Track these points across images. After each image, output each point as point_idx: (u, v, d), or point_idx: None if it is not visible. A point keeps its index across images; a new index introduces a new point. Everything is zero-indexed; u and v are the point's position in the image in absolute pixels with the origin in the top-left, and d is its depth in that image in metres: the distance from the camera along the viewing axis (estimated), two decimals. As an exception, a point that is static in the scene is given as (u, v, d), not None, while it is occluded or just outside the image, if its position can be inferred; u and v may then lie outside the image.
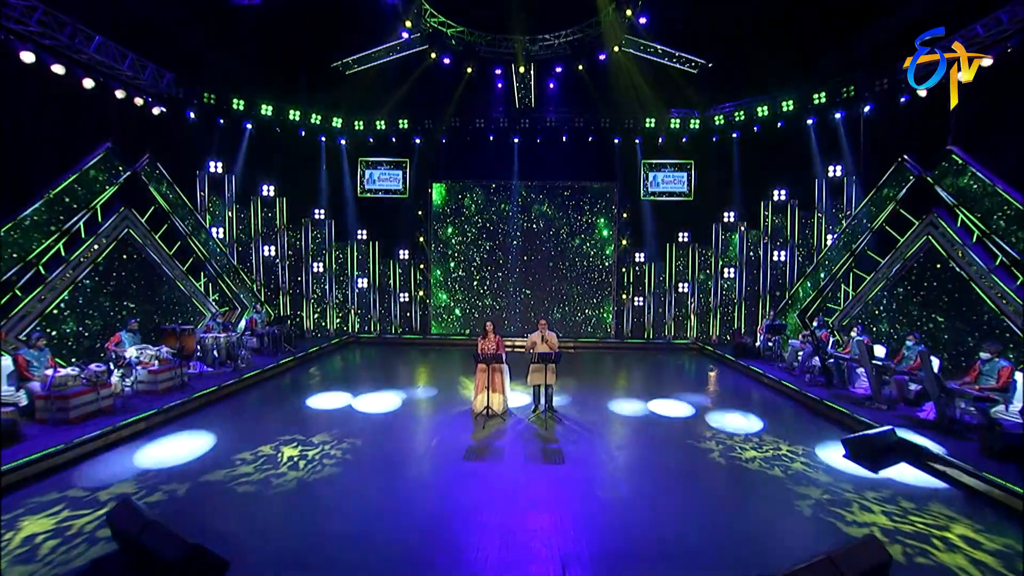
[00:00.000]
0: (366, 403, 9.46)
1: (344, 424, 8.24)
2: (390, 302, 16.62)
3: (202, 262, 12.51)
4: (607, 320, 16.70)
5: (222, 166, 13.74)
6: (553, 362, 8.32)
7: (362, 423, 8.36)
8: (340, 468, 6.45)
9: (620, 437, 7.85)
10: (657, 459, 6.99)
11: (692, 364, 13.65)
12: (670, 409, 9.33)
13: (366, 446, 7.27)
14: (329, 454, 6.88)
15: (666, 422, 8.67)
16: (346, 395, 9.96)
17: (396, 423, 8.48)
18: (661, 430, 8.25)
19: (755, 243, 15.04)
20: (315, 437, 7.50)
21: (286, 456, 6.77)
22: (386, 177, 17.02)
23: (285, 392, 10.22)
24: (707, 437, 7.74)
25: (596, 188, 16.72)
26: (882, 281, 11.07)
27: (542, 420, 8.38)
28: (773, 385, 10.72)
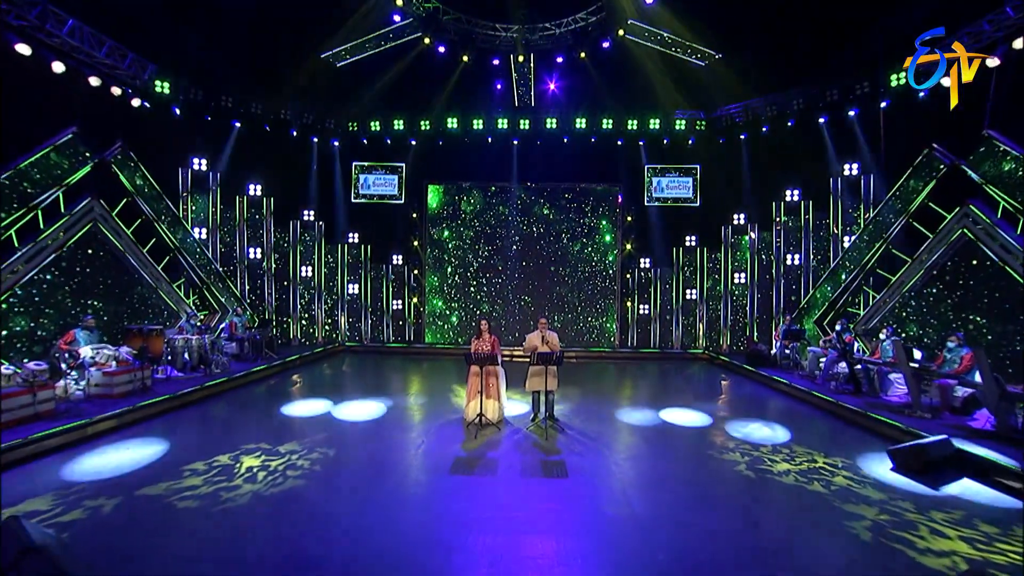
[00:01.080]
0: (347, 411, 8.49)
1: (318, 432, 7.27)
2: (382, 309, 15.71)
3: (179, 261, 11.64)
4: (610, 329, 15.75)
5: (206, 163, 12.99)
6: (554, 363, 7.37)
7: (339, 431, 7.39)
8: (305, 481, 5.47)
9: (630, 447, 6.87)
10: (675, 471, 6.01)
11: (703, 373, 12.67)
12: (683, 418, 8.35)
13: (339, 456, 6.29)
14: (295, 464, 5.91)
15: (680, 431, 7.69)
16: (326, 403, 8.99)
17: (377, 432, 7.50)
18: (676, 440, 7.27)
19: (767, 246, 14.18)
20: (283, 446, 6.53)
21: (245, 467, 5.79)
22: (381, 182, 16.28)
23: (259, 399, 9.25)
24: (729, 448, 6.76)
25: (599, 190, 15.95)
26: (910, 281, 10.16)
27: (542, 429, 7.40)
28: (794, 393, 9.74)
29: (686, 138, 15.54)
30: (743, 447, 6.79)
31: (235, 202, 13.59)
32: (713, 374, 12.55)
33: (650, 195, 15.85)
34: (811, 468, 5.99)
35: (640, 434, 7.53)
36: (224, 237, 13.46)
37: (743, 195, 14.60)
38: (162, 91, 12.14)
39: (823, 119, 13.02)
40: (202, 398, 8.74)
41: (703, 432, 7.67)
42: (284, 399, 9.16)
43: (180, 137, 12.41)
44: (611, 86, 15.00)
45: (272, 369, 11.33)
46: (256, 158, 13.80)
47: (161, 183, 11.80)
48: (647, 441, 7.19)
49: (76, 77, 10.00)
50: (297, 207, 14.80)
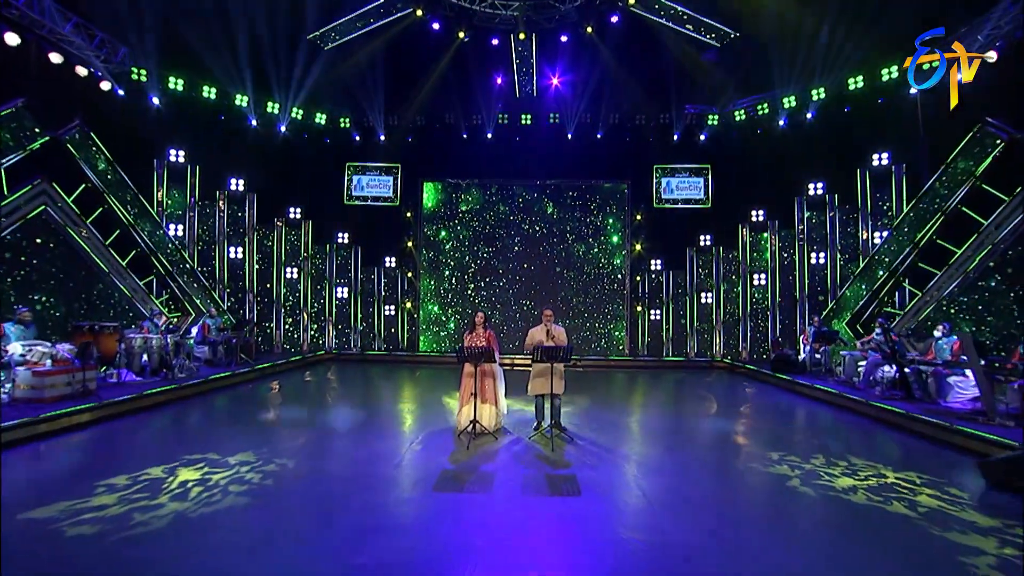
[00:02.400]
0: (323, 419, 7.35)
1: (282, 441, 6.13)
2: (374, 314, 14.63)
3: (147, 256, 10.62)
4: (619, 336, 14.61)
5: (184, 155, 12.07)
6: (561, 360, 6.25)
7: (306, 441, 6.25)
8: (249, 498, 4.33)
9: (653, 459, 5.71)
10: (713, 487, 4.85)
11: (724, 381, 11.48)
12: (711, 427, 7.17)
13: (301, 469, 5.15)
14: (243, 478, 4.77)
15: (710, 441, 6.52)
16: (300, 411, 7.86)
17: (352, 442, 6.37)
18: (707, 451, 6.10)
19: (789, 244, 13.11)
20: (234, 456, 5.39)
21: (178, 481, 4.65)
22: (375, 184, 15.39)
23: (224, 407, 8.11)
24: (772, 460, 5.59)
25: (606, 188, 14.99)
26: (960, 274, 9.04)
27: (547, 439, 6.25)
28: (833, 400, 8.56)
29: (697, 133, 14.66)
30: (789, 459, 5.62)
31: (215, 197, 12.64)
32: (736, 382, 11.37)
33: (659, 197, 14.90)
34: (882, 484, 4.81)
35: (663, 444, 6.36)
36: (203, 234, 12.47)
37: (761, 191, 13.59)
38: (139, 78, 11.33)
39: (847, 108, 12.11)
40: (155, 404, 7.60)
41: (737, 442, 6.50)
42: (252, 407, 8.03)
43: (156, 127, 11.53)
44: (618, 79, 14.18)
45: (246, 375, 10.20)
46: (240, 152, 12.91)
47: (133, 174, 10.86)
48: (672, 452, 6.03)
49: (34, 52, 9.14)
50: (283, 205, 13.84)
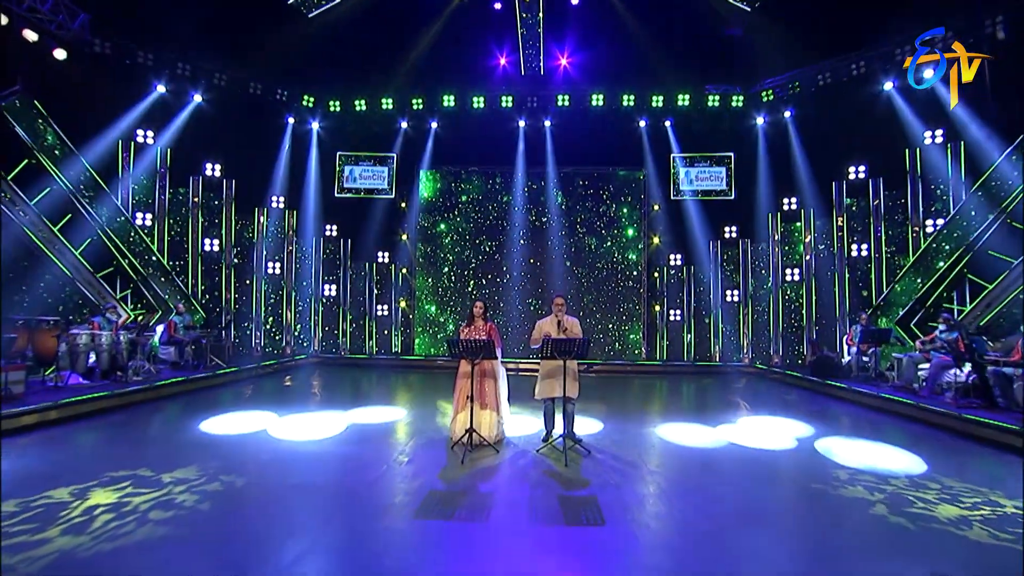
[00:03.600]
0: (291, 427, 6.44)
1: (238, 454, 5.23)
2: (364, 313, 13.74)
3: (106, 244, 9.78)
4: (635, 338, 13.64)
5: (153, 135, 11.27)
6: (576, 355, 5.32)
7: (269, 453, 5.34)
8: (170, 529, 3.41)
9: (691, 477, 4.75)
10: (776, 515, 3.89)
11: (757, 387, 10.49)
12: (756, 439, 6.20)
13: (250, 488, 4.24)
14: (172, 502, 3.86)
15: (758, 456, 5.55)
16: (268, 415, 6.95)
17: (324, 454, 5.44)
18: (756, 467, 5.13)
19: (826, 234, 12.13)
20: (171, 473, 4.48)
21: (85, 507, 3.74)
22: (369, 174, 14.59)
23: (178, 414, 7.21)
24: (842, 480, 4.62)
25: (620, 176, 14.09)
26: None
27: (558, 452, 5.32)
28: (891, 408, 7.56)
29: (720, 116, 13.77)
30: (863, 479, 4.64)
31: (188, 183, 11.81)
32: (770, 388, 10.36)
33: (677, 188, 13.99)
34: (1001, 516, 3.84)
35: (700, 459, 5.40)
36: (173, 224, 11.64)
37: (794, 177, 12.65)
38: (103, 51, 10.56)
39: (893, 83, 11.18)
40: (96, 411, 6.71)
41: (793, 457, 5.53)
42: (210, 412, 7.12)
43: (121, 103, 10.73)
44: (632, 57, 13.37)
45: (215, 379, 9.30)
46: (216, 134, 12.09)
47: (94, 155, 10.07)
48: (713, 468, 5.07)
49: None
50: (264, 193, 13.02)
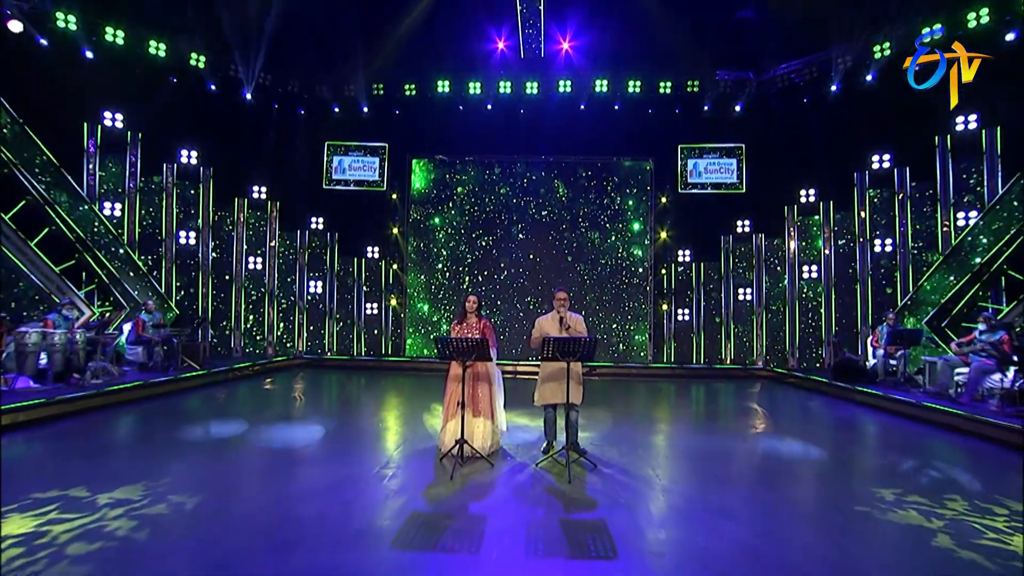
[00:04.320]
0: (263, 436, 5.90)
1: (196, 469, 4.70)
2: (353, 312, 13.21)
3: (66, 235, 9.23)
4: (640, 339, 13.11)
5: (123, 119, 10.72)
6: (581, 357, 4.78)
7: (232, 468, 4.81)
8: (91, 568, 2.87)
9: (714, 498, 4.21)
10: (824, 547, 3.35)
11: (774, 392, 9.97)
12: (784, 449, 5.67)
13: (201, 511, 3.70)
14: (102, 530, 3.32)
15: (788, 470, 5.03)
16: (237, 424, 6.41)
17: (295, 467, 4.91)
18: (790, 486, 4.60)
19: (846, 228, 11.60)
20: (111, 493, 3.94)
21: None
22: (359, 165, 14.09)
23: (136, 422, 6.68)
24: (888, 501, 4.09)
25: (625, 166, 13.58)
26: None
27: (560, 466, 4.80)
28: (927, 417, 7.04)
29: (731, 104, 13.26)
30: (913, 500, 4.11)
31: (162, 171, 11.27)
32: (788, 394, 9.85)
33: (684, 181, 13.48)
34: (1085, 544, 3.31)
35: (722, 474, 4.87)
36: (145, 215, 11.10)
37: (811, 168, 12.14)
38: (66, 26, 10.03)
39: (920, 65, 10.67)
40: (41, 419, 6.12)
41: (826, 471, 5.00)
42: (176, 422, 6.58)
43: (87, 85, 10.19)
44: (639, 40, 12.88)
45: (185, 383, 8.75)
46: (193, 120, 11.59)
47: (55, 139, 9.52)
48: (736, 485, 4.54)
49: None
50: (245, 183, 12.49)
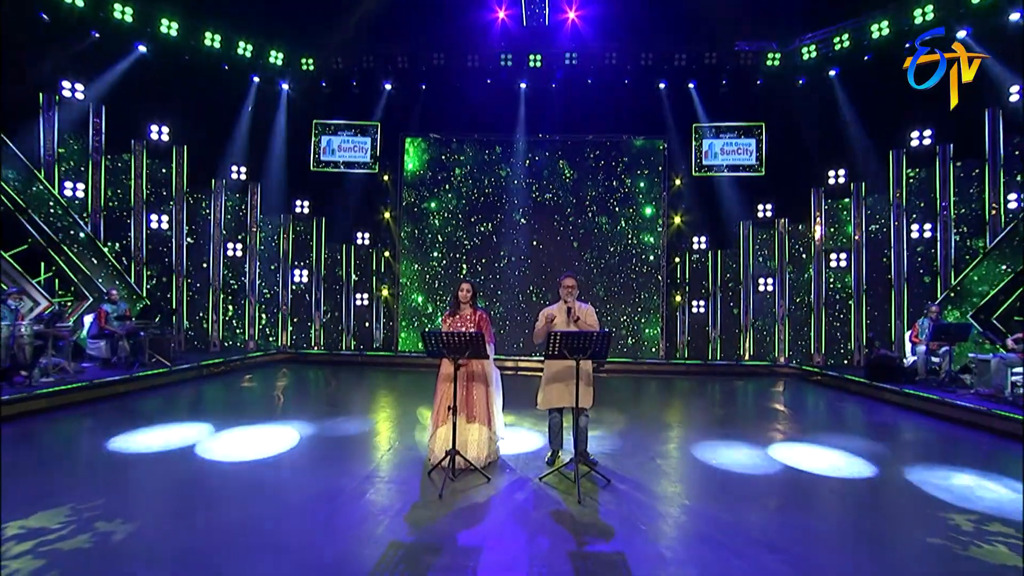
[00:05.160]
0: (229, 443, 5.32)
1: (142, 485, 4.12)
2: (341, 304, 12.64)
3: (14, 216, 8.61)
4: (652, 333, 12.51)
5: (83, 89, 10.06)
6: (593, 355, 4.18)
7: (185, 484, 4.24)
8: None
9: (755, 521, 3.61)
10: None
11: (799, 392, 9.39)
12: (823, 462, 5.07)
13: (134, 543, 3.12)
14: None
15: (832, 487, 4.44)
16: (201, 429, 5.84)
17: (261, 483, 4.33)
18: (834, 505, 4.01)
19: (880, 212, 10.94)
20: (25, 521, 3.37)
21: None
22: (349, 145, 13.49)
23: (86, 426, 6.11)
24: (966, 532, 3.50)
25: (637, 146, 12.91)
26: None
27: (568, 481, 4.23)
28: (981, 423, 6.45)
29: (752, 77, 12.57)
30: (997, 530, 3.52)
31: (131, 148, 10.63)
32: (815, 394, 9.28)
33: (699, 163, 12.83)
34: None
35: (756, 490, 4.27)
36: (112, 196, 10.47)
37: (841, 146, 11.47)
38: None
39: (967, 30, 9.96)
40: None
41: (879, 490, 4.42)
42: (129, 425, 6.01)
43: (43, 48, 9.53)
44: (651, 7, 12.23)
45: (151, 381, 8.16)
46: (164, 92, 10.94)
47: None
48: (777, 505, 3.94)
49: None
50: (223, 163, 11.86)
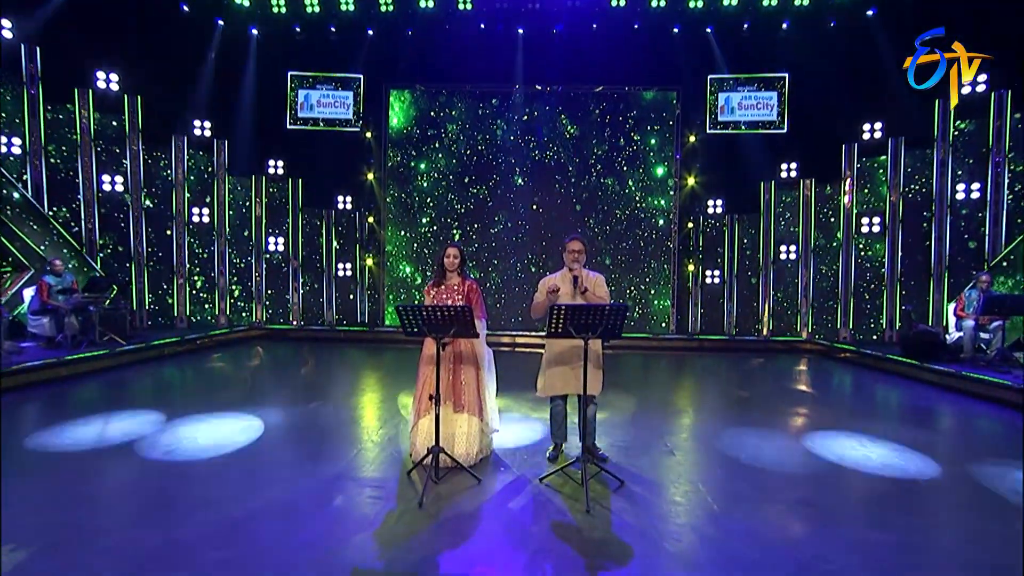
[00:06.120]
0: (172, 440, 4.73)
1: (61, 493, 3.53)
2: (321, 275, 12.00)
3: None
4: (662, 305, 11.92)
5: (13, 28, 9.12)
6: (603, 334, 3.56)
7: (116, 489, 3.65)
8: None
9: (801, 537, 3.03)
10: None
11: (826, 370, 8.85)
12: (868, 456, 4.50)
13: None
14: None
15: (887, 487, 3.86)
16: (146, 421, 5.25)
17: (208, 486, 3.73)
18: (902, 515, 3.41)
19: (921, 169, 10.20)
20: None
21: None
22: (329, 100, 12.60)
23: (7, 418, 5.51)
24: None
25: (648, 98, 12.07)
26: None
27: (574, 483, 3.67)
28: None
29: (776, 21, 11.66)
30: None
31: (74, 98, 9.78)
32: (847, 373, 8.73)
33: (714, 119, 12.03)
34: None
35: (799, 493, 3.70)
36: (55, 153, 9.67)
37: (876, 95, 10.66)
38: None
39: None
40: None
41: (944, 492, 3.84)
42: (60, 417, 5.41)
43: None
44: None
45: (98, 363, 7.51)
46: (111, 34, 10.04)
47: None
48: (826, 512, 3.37)
49: None
50: (184, 117, 11.02)
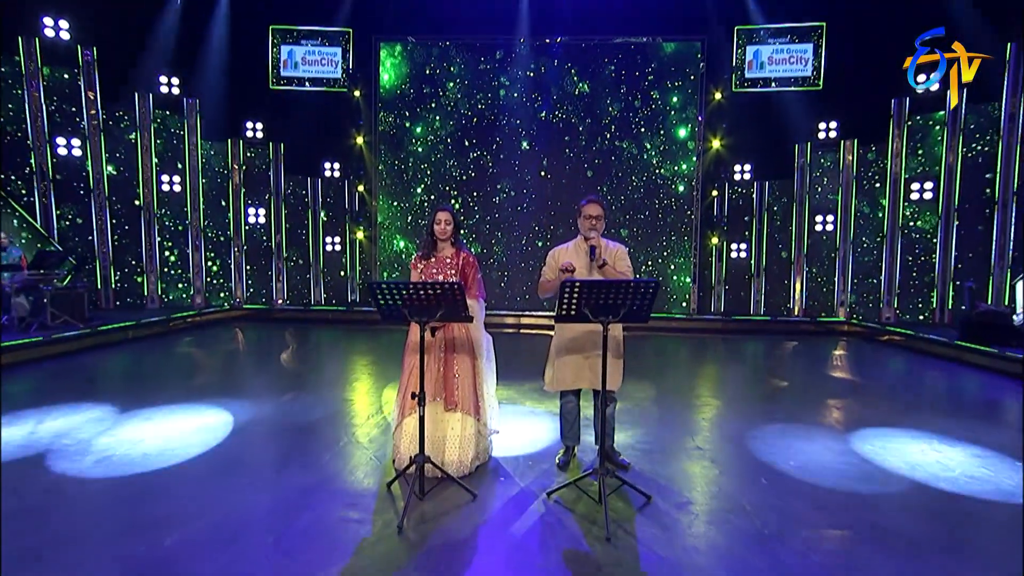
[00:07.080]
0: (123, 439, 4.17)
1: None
2: (307, 249, 11.48)
3: None
4: (682, 281, 11.32)
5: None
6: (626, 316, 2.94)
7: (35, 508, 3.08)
8: None
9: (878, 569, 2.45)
10: None
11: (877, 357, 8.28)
12: (939, 463, 3.90)
13: None
14: None
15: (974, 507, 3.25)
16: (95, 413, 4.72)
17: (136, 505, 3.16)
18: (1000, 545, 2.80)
19: (985, 127, 9.39)
20: None
21: None
22: (315, 58, 12.02)
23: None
24: None
25: (668, 50, 11.31)
26: None
27: (590, 499, 3.12)
28: None
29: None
30: None
31: (17, 47, 9.07)
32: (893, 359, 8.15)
33: (741, 75, 11.27)
34: None
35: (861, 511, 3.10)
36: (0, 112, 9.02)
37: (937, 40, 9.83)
38: None
39: None
40: None
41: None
42: None
43: None
44: None
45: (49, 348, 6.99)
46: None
47: None
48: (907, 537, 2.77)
49: None
50: (147, 71, 10.35)
